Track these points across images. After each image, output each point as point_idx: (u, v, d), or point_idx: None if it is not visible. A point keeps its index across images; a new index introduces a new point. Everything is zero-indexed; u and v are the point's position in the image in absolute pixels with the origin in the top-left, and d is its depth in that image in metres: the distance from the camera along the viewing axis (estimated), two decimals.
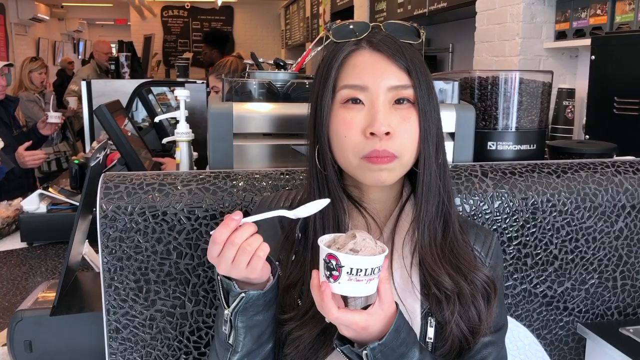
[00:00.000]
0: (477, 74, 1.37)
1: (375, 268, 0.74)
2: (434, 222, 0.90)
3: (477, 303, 0.87)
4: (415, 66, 0.86)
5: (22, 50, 9.04)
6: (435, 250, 0.89)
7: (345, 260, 0.74)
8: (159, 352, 1.13)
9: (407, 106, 0.86)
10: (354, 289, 0.75)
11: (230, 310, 0.82)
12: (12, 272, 1.94)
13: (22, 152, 2.89)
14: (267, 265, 0.82)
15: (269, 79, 1.32)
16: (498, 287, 0.91)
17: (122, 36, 8.14)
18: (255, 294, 0.81)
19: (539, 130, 1.39)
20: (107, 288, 1.10)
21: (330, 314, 0.74)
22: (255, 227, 0.79)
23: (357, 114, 0.85)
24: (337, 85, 0.87)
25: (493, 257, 0.96)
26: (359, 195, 0.93)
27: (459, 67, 4.16)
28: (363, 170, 0.86)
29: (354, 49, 0.88)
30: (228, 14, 10.77)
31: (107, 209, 1.07)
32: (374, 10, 5.11)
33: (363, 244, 0.76)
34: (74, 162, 2.48)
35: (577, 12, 2.71)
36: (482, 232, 0.98)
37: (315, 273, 0.77)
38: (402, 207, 0.93)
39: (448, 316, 0.86)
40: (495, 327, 0.92)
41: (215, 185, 1.12)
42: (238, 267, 0.78)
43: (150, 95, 3.86)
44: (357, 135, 0.84)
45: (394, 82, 0.85)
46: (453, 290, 0.86)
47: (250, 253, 0.77)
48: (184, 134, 1.38)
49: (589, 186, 1.25)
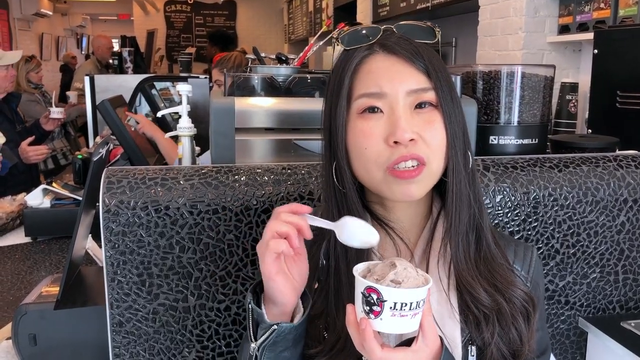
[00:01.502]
0: (479, 68, 1.37)
1: (421, 301, 0.67)
2: (467, 234, 0.82)
3: (517, 323, 0.81)
4: (435, 67, 0.80)
5: (25, 46, 9.05)
6: (470, 265, 0.82)
7: (388, 294, 0.66)
8: (161, 346, 1.14)
9: (430, 109, 0.79)
10: (398, 325, 0.67)
11: (259, 344, 0.76)
12: (17, 267, 1.95)
13: (26, 147, 2.90)
14: (296, 290, 0.77)
15: (271, 74, 1.32)
16: (537, 305, 0.85)
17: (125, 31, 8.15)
18: (287, 326, 0.75)
19: (541, 124, 1.39)
20: (111, 282, 1.10)
21: (373, 354, 0.67)
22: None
23: (377, 123, 0.78)
24: (353, 94, 0.80)
25: (534, 274, 0.90)
26: (384, 213, 0.86)
27: (462, 61, 4.15)
28: (389, 185, 0.79)
29: (367, 54, 0.81)
30: (231, 9, 10.76)
31: (110, 204, 1.08)
32: (377, 4, 5.09)
33: (405, 273, 0.68)
34: (77, 157, 2.49)
35: (581, 5, 2.70)
36: (520, 248, 0.91)
37: (350, 308, 0.70)
38: (433, 223, 0.85)
39: (488, 338, 0.80)
40: (539, 351, 0.87)
41: (218, 180, 1.12)
42: (283, 258, 0.74)
43: (153, 91, 3.86)
44: (379, 144, 0.78)
45: (413, 86, 0.78)
46: (492, 309, 0.80)
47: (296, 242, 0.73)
48: (186, 129, 1.38)
49: (590, 180, 1.25)
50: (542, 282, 0.94)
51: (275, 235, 0.73)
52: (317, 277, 0.84)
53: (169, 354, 1.15)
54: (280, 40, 10.60)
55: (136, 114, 2.92)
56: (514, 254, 0.90)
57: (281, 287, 0.75)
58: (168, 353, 1.15)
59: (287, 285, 0.75)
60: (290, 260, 0.77)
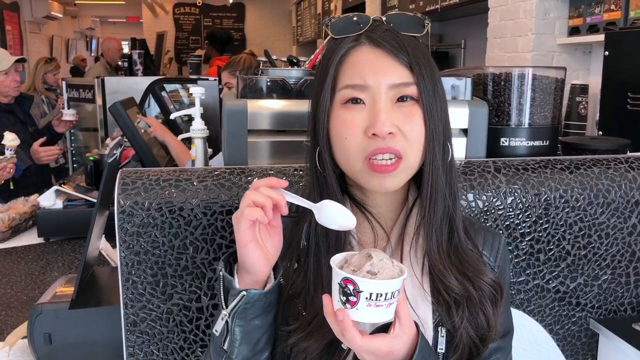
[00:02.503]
0: (490, 70, 1.37)
1: (395, 291, 0.70)
2: (440, 225, 0.85)
3: (485, 309, 0.85)
4: (419, 61, 0.81)
5: (36, 48, 9.13)
6: (442, 254, 0.85)
7: (364, 285, 0.68)
8: (175, 345, 1.15)
9: (411, 103, 0.81)
10: (373, 314, 0.69)
11: (229, 310, 0.79)
12: (30, 267, 1.97)
13: (37, 148, 2.93)
14: (269, 260, 0.80)
15: (283, 76, 1.33)
16: (504, 290, 0.89)
17: (134, 34, 8.20)
18: (256, 292, 0.78)
19: (551, 126, 1.39)
20: (125, 282, 1.12)
21: (354, 342, 0.69)
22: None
23: (358, 114, 0.80)
24: (337, 85, 0.82)
25: (501, 261, 0.94)
26: (363, 198, 0.89)
27: (471, 63, 4.14)
28: (366, 176, 0.82)
29: (353, 45, 0.83)
30: (239, 11, 10.80)
31: (125, 205, 1.09)
32: (385, 6, 5.10)
33: (380, 265, 0.70)
34: (89, 159, 2.51)
35: (591, 7, 2.70)
36: (489, 235, 0.95)
37: (327, 299, 0.72)
38: (408, 211, 0.89)
39: (457, 322, 0.83)
40: (503, 332, 0.91)
41: (231, 181, 1.14)
42: (256, 226, 0.77)
43: (163, 93, 3.89)
44: (359, 136, 0.80)
45: (396, 80, 0.80)
46: (462, 296, 0.84)
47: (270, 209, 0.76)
48: (200, 131, 1.40)
49: (602, 182, 1.25)
50: (509, 268, 0.98)
51: (251, 204, 0.76)
52: (297, 257, 0.87)
53: (182, 354, 1.16)
54: (288, 42, 10.63)
55: (146, 116, 2.95)
56: (483, 241, 0.93)
57: (253, 256, 0.78)
58: (181, 352, 1.16)
59: (260, 255, 0.78)
60: (265, 232, 0.80)
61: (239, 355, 0.82)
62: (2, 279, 1.86)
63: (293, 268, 0.87)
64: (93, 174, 2.45)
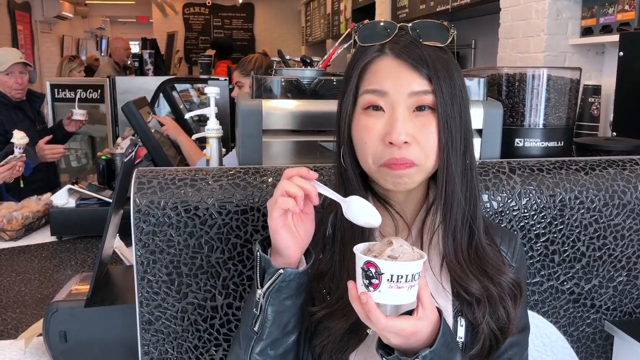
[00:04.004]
0: (505, 71, 1.37)
1: (416, 274, 0.73)
2: (460, 230, 0.88)
3: (505, 304, 0.88)
4: (438, 73, 0.84)
5: (47, 48, 9.20)
6: (461, 257, 0.88)
7: (385, 267, 0.72)
8: (190, 344, 1.16)
9: (428, 113, 0.84)
10: (396, 296, 0.73)
11: (265, 289, 0.82)
12: (44, 265, 1.99)
13: (42, 146, 2.93)
14: (300, 245, 0.83)
15: (297, 76, 1.33)
16: (523, 288, 0.92)
17: (144, 33, 8.24)
18: (292, 271, 0.81)
19: (566, 127, 1.39)
20: (141, 281, 1.12)
21: (378, 322, 0.72)
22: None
23: (377, 120, 0.84)
24: (359, 90, 0.87)
25: (518, 259, 0.97)
26: (385, 193, 0.93)
27: (481, 64, 4.13)
28: (383, 175, 0.86)
29: (377, 55, 0.86)
30: (249, 11, 10.82)
31: (141, 204, 1.10)
32: (395, 6, 5.09)
33: (400, 250, 0.74)
34: (101, 158, 2.53)
35: (604, 7, 2.68)
36: (506, 235, 0.99)
37: (352, 284, 0.75)
38: (428, 208, 0.92)
39: (479, 317, 0.87)
40: (520, 328, 0.93)
41: (246, 181, 1.14)
42: (289, 215, 0.80)
43: (174, 93, 3.90)
44: (376, 142, 0.84)
45: (415, 88, 0.83)
46: (482, 294, 0.87)
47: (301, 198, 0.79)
48: (214, 130, 1.40)
49: (617, 183, 1.24)
50: (525, 268, 1.02)
51: (284, 194, 0.80)
52: (322, 243, 0.91)
53: (196, 352, 1.16)
54: (297, 43, 10.64)
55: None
56: (500, 239, 0.96)
57: (285, 241, 0.81)
58: (196, 351, 1.16)
59: (291, 240, 0.82)
60: (297, 218, 0.83)
61: (269, 336, 0.84)
62: (16, 277, 1.87)
63: (319, 251, 0.91)
64: (105, 173, 2.46)
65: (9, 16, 7.76)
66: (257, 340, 0.85)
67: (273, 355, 0.85)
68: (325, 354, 0.86)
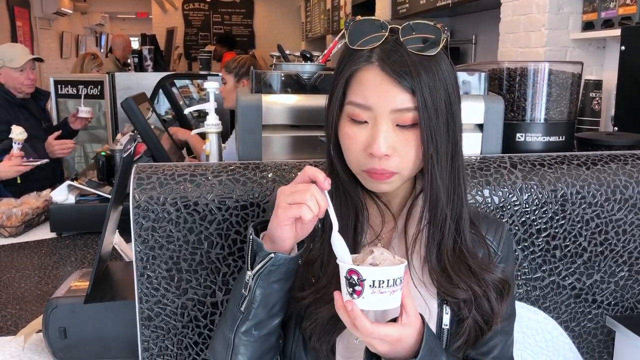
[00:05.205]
0: (506, 65, 1.36)
1: (397, 279, 0.75)
2: (445, 238, 0.89)
3: (490, 300, 0.89)
4: (422, 84, 0.82)
5: (46, 44, 9.17)
6: (447, 264, 0.89)
7: (366, 273, 0.74)
8: (189, 340, 1.16)
9: (410, 127, 0.84)
10: (379, 302, 0.75)
11: (254, 272, 0.83)
12: (43, 261, 1.98)
13: (52, 142, 2.94)
14: (297, 238, 0.85)
15: (297, 71, 1.33)
16: (511, 284, 0.93)
17: (144, 29, 8.22)
18: (283, 256, 0.83)
19: (568, 121, 1.38)
20: (140, 277, 1.12)
21: (364, 329, 0.74)
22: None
23: (360, 130, 0.85)
24: (345, 97, 0.87)
25: (504, 248, 0.97)
26: None
27: (482, 59, 4.12)
28: (364, 179, 0.89)
29: (364, 65, 0.84)
30: (248, 7, 10.78)
31: (140, 199, 1.09)
32: (396, 1, 5.07)
33: (381, 257, 0.76)
34: (100, 155, 2.52)
35: (606, 2, 2.66)
36: (493, 224, 0.99)
37: (337, 294, 0.77)
38: (414, 198, 0.93)
39: (465, 313, 0.89)
40: (505, 316, 0.94)
41: (245, 177, 1.13)
42: (300, 212, 0.79)
43: (173, 88, 3.89)
44: (358, 151, 0.86)
45: (398, 105, 0.82)
46: (469, 296, 0.88)
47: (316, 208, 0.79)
48: (214, 126, 1.39)
49: (619, 178, 1.24)
50: (512, 256, 1.03)
51: (305, 206, 0.80)
52: (314, 231, 0.91)
53: (196, 349, 1.16)
54: (297, 38, 10.61)
55: (156, 112, 2.97)
56: (486, 228, 0.97)
57: (285, 235, 0.83)
58: (196, 347, 1.16)
59: (290, 235, 0.83)
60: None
61: (255, 317, 0.86)
62: (16, 274, 1.87)
63: (310, 246, 0.93)
64: (105, 169, 2.46)
65: (8, 12, 7.74)
66: (243, 320, 0.87)
67: (257, 335, 0.88)
68: (314, 336, 0.89)
